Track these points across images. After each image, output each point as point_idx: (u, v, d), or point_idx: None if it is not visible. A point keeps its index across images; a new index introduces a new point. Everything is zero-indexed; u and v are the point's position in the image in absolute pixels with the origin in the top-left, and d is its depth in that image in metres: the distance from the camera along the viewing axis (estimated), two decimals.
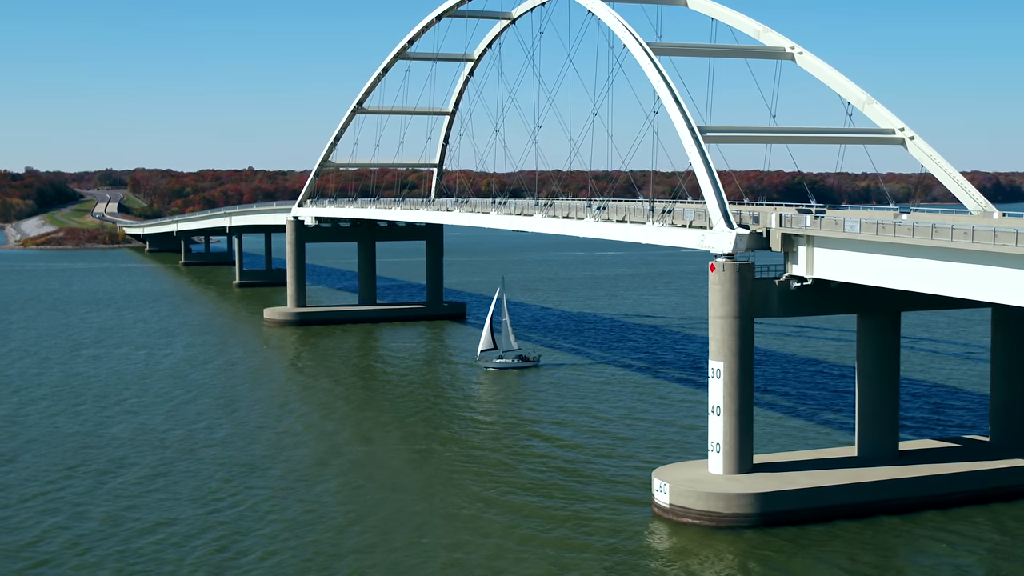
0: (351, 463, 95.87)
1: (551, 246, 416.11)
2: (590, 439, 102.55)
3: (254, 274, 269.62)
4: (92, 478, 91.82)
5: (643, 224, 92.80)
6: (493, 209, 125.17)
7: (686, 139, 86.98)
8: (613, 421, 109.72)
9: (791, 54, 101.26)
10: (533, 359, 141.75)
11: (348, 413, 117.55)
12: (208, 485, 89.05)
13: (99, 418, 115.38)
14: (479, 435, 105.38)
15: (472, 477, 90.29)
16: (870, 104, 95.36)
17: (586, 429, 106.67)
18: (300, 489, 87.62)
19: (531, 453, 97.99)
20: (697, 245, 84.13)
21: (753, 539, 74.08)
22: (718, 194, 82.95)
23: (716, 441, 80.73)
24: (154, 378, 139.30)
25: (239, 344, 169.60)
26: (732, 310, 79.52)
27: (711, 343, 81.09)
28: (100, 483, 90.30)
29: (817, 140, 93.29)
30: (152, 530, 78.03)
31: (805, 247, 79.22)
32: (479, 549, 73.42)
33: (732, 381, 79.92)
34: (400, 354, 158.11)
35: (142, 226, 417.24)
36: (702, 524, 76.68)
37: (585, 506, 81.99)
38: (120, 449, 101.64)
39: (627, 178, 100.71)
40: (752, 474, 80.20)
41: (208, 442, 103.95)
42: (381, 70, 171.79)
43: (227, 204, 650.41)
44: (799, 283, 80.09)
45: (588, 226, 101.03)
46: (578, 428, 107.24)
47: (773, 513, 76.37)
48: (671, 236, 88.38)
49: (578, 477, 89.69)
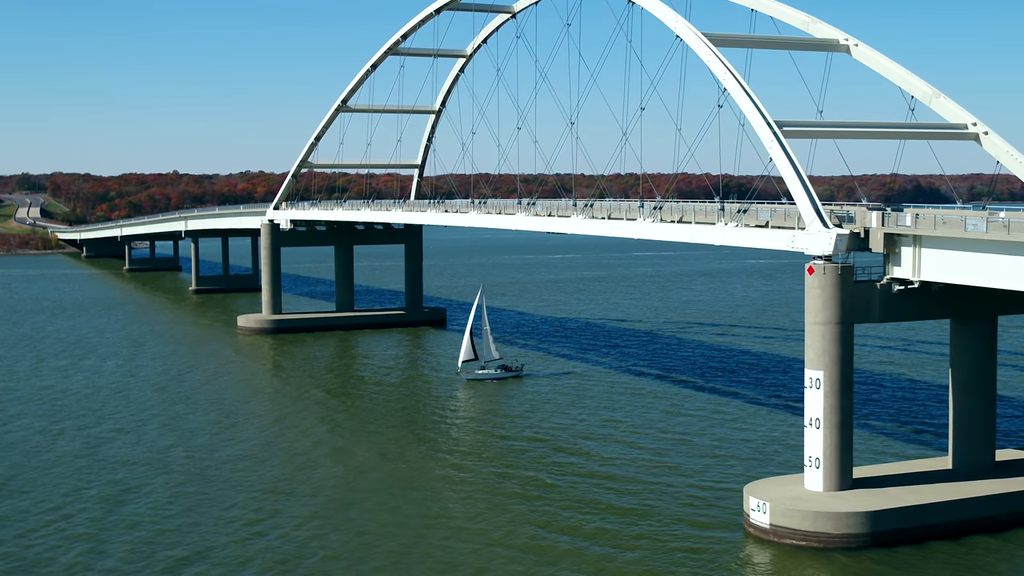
0: (382, 484, 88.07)
1: (536, 248, 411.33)
2: (628, 452, 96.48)
3: (211, 280, 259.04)
4: (100, 505, 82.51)
5: (713, 225, 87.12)
6: (520, 210, 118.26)
7: (764, 134, 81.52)
8: (644, 433, 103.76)
9: (845, 46, 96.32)
10: (516, 368, 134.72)
11: (355, 428, 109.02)
12: (230, 514, 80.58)
13: (87, 436, 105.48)
14: (510, 455, 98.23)
15: (521, 500, 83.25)
16: (937, 98, 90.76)
17: (618, 442, 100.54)
18: (335, 515, 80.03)
19: (574, 471, 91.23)
20: (787, 246, 78.69)
21: (869, 560, 68.83)
22: (808, 192, 77.65)
23: (815, 456, 75.27)
24: (134, 391, 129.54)
25: (213, 353, 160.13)
26: (833, 315, 74.16)
27: (809, 351, 75.61)
28: (110, 511, 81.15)
29: (909, 135, 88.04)
30: (190, 563, 69.93)
31: (911, 248, 74.20)
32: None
33: (833, 392, 74.53)
34: (387, 364, 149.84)
35: (78, 231, 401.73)
36: (808, 545, 71.18)
37: (657, 526, 75.94)
38: (120, 472, 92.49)
39: (677, 182, 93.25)
40: (855, 491, 74.81)
41: (215, 462, 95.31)
42: (370, 66, 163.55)
43: (154, 208, 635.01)
44: (902, 286, 75.16)
45: (643, 227, 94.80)
46: (606, 440, 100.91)
47: (883, 533, 71.19)
48: (754, 237, 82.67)
49: (641, 496, 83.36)
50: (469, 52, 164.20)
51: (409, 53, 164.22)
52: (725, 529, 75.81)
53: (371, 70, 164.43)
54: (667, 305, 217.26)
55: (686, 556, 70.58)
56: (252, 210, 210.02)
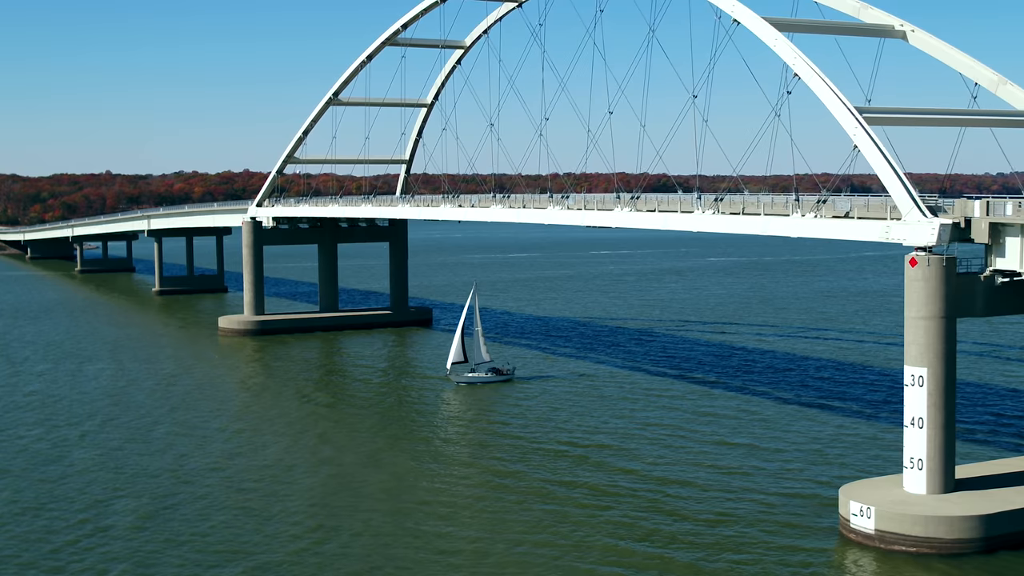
0: (421, 499, 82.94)
1: (497, 247, 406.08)
2: (673, 456, 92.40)
3: (175, 281, 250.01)
4: (143, 523, 76.28)
5: (787, 217, 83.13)
6: (552, 203, 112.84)
7: (847, 121, 77.76)
8: (682, 436, 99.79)
9: (901, 32, 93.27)
10: (508, 372, 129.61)
11: (352, 435, 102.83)
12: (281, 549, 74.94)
13: (100, 443, 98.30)
14: (559, 463, 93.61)
15: (580, 507, 78.86)
16: (1003, 85, 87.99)
17: (655, 444, 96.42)
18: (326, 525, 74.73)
19: (630, 477, 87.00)
20: (880, 237, 75.05)
21: (998, 564, 65.53)
22: (902, 180, 74.07)
23: (917, 457, 71.71)
24: (129, 396, 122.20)
25: (197, 357, 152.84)
26: (937, 310, 70.69)
27: (910, 347, 72.03)
28: (171, 539, 75.09)
29: (1005, 123, 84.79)
30: None
31: (1017, 238, 70.98)
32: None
33: (937, 390, 71.07)
34: (377, 366, 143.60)
35: (22, 231, 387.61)
36: (918, 552, 67.61)
37: (739, 530, 72.02)
38: (164, 484, 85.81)
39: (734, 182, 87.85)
40: (960, 493, 71.52)
41: (244, 482, 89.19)
42: (366, 57, 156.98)
43: (89, 209, 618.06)
44: (1006, 278, 71.94)
45: (701, 220, 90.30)
46: (641, 442, 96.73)
47: (997, 537, 67.91)
48: (841, 229, 78.77)
49: (713, 503, 79.32)
50: (468, 43, 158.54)
51: (409, 44, 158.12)
52: (817, 535, 71.97)
53: (367, 61, 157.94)
54: (646, 302, 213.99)
55: (778, 565, 66.47)
56: (231, 207, 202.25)
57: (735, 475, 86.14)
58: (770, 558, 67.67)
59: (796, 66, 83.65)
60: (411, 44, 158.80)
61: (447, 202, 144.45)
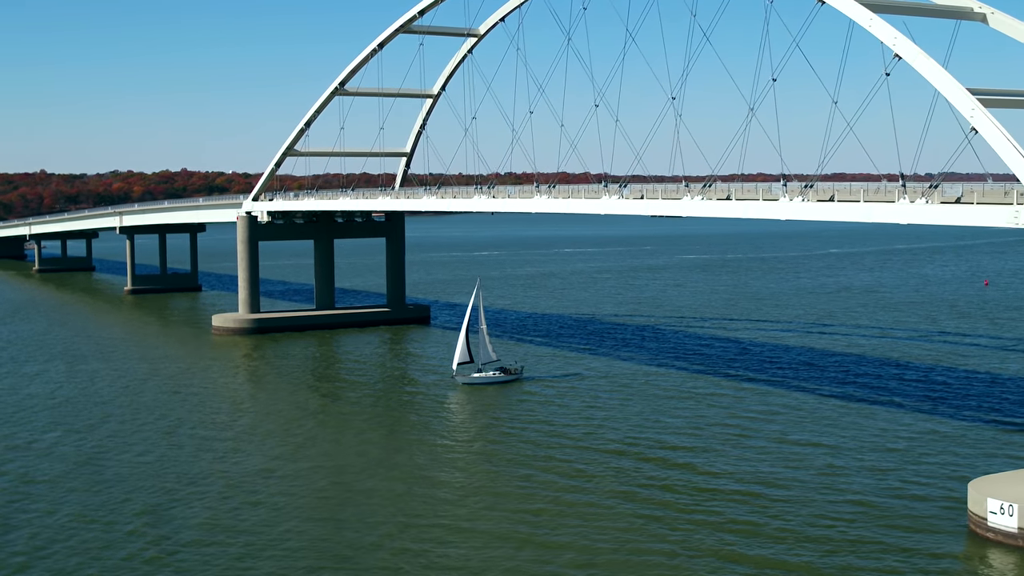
0: (473, 508, 77.97)
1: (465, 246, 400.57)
2: (737, 454, 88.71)
3: (148, 279, 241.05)
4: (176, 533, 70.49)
5: (892, 203, 79.59)
6: (607, 193, 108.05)
7: (963, 102, 74.44)
8: (738, 436, 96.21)
9: (981, 14, 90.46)
10: (516, 371, 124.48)
11: (358, 438, 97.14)
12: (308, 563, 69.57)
13: (129, 444, 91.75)
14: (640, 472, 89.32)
15: (651, 520, 74.76)
16: None
17: (705, 448, 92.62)
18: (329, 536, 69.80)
19: (689, 482, 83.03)
20: (1008, 223, 71.86)
21: None
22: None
23: None
24: (141, 397, 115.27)
25: (194, 357, 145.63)
26: None
27: None
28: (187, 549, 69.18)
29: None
30: None
31: None
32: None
33: None
34: (377, 366, 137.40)
35: None
36: None
37: (859, 531, 68.49)
38: (177, 489, 79.52)
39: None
40: None
41: (284, 488, 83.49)
42: (377, 45, 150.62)
43: (27, 209, 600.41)
44: None
45: (788, 208, 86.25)
46: (689, 444, 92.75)
47: None
48: (962, 215, 75.33)
49: (815, 506, 75.72)
50: (483, 31, 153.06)
51: (422, 31, 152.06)
52: (944, 536, 68.38)
53: (377, 49, 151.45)
54: (644, 298, 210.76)
55: (912, 571, 62.86)
56: (218, 203, 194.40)
57: (824, 475, 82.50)
58: (891, 559, 63.81)
59: (897, 46, 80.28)
60: (423, 32, 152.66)
61: (431, 194, 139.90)
